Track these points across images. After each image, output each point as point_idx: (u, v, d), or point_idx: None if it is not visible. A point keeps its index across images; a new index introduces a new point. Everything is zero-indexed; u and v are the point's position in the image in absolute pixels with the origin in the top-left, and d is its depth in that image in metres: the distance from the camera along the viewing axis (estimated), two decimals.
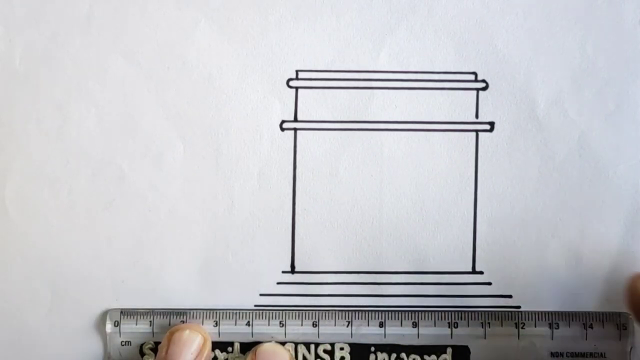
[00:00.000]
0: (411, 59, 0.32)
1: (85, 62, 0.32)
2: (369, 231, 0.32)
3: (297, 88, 0.33)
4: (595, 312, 0.32)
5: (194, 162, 0.32)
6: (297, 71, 0.32)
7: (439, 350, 0.32)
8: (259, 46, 0.32)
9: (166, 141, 0.32)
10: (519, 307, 0.32)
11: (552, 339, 0.32)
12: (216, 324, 0.32)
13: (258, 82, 0.32)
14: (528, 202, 0.32)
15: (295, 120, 0.33)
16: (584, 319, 0.32)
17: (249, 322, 0.32)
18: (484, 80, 0.32)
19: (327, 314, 0.32)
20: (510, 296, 0.32)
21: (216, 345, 0.32)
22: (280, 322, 0.32)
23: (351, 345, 0.32)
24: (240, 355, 0.32)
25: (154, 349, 0.32)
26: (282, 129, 0.33)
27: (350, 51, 0.32)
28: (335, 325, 0.32)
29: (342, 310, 0.32)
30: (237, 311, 0.32)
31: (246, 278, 0.32)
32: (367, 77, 0.32)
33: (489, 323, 0.32)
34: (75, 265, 0.32)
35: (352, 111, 0.33)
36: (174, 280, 0.32)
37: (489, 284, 0.32)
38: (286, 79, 0.32)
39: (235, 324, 0.32)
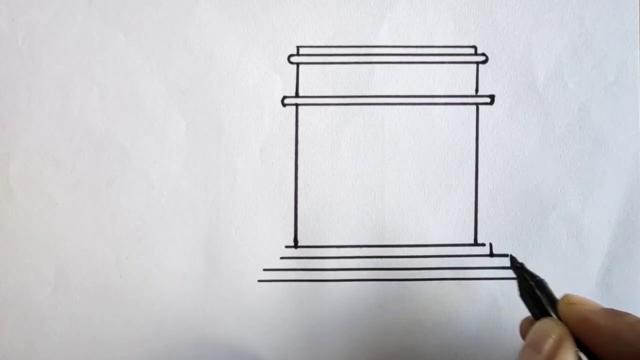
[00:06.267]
0: (411, 34, 0.33)
1: (87, 41, 0.32)
2: (371, 205, 0.33)
3: (298, 64, 0.33)
4: None
5: (196, 138, 0.32)
6: (298, 47, 0.33)
7: None
8: (259, 22, 0.33)
9: (168, 118, 0.32)
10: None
11: None
12: None
13: (259, 58, 0.33)
14: (529, 174, 0.33)
15: (297, 95, 0.33)
16: None
17: None
18: (483, 54, 0.33)
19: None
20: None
21: None
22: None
23: None
24: None
25: None
26: (284, 105, 0.33)
27: (350, 26, 0.33)
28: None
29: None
30: None
31: (249, 253, 0.33)
32: (367, 52, 0.33)
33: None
34: (79, 242, 0.32)
35: (353, 86, 0.33)
36: (177, 256, 0.32)
37: (491, 255, 0.33)
38: (287, 54, 0.33)
39: None
